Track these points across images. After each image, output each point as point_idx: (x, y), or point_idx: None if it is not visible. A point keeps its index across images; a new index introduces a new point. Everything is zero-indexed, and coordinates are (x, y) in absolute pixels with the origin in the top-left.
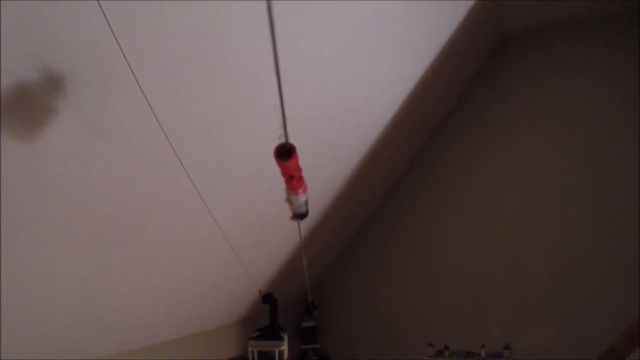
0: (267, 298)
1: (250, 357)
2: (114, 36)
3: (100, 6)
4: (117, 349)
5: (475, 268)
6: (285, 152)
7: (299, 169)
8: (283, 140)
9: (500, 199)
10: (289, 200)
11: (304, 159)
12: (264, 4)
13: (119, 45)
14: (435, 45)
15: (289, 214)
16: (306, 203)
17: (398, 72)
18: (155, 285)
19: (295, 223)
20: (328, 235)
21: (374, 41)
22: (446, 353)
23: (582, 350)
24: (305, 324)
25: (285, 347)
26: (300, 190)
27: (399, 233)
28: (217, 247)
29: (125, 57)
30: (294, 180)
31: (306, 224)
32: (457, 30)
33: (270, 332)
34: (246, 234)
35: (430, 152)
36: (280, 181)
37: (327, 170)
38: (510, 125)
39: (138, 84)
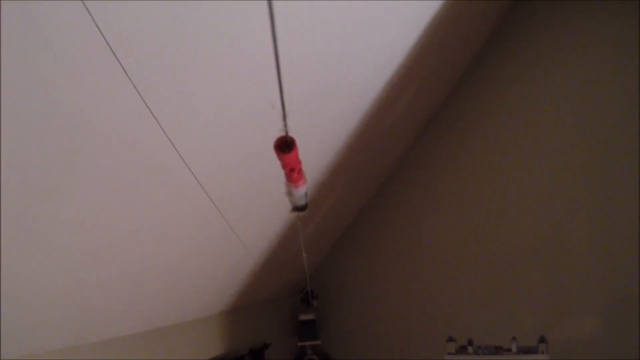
0: None
1: None
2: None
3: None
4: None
5: (501, 250)
6: (285, 145)
7: (299, 162)
8: (283, 133)
9: (534, 172)
10: (289, 193)
11: (296, 109)
12: None
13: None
14: None
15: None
16: (306, 195)
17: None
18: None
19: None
20: (328, 209)
21: None
22: (470, 349)
23: (631, 341)
24: (303, 317)
25: None
26: (301, 182)
27: (410, 212)
28: (204, 222)
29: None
30: (294, 172)
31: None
32: None
33: None
34: (236, 203)
35: (447, 118)
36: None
37: (326, 124)
38: (535, 89)
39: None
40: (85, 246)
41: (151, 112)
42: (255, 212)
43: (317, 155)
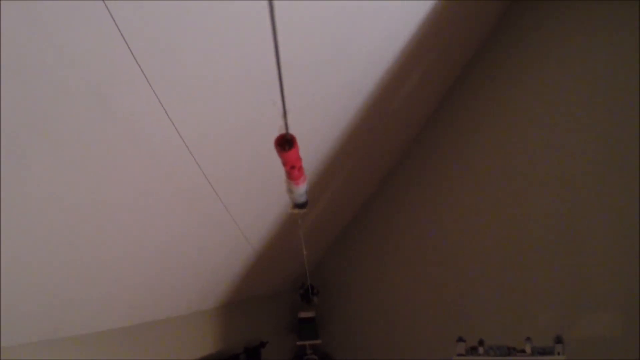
0: None
1: None
2: None
3: None
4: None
5: (515, 243)
6: (286, 143)
7: (300, 159)
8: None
9: (548, 164)
10: (289, 191)
11: (295, 80)
12: None
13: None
14: None
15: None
16: (306, 192)
17: None
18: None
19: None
20: (329, 201)
21: None
22: (480, 350)
23: None
24: (303, 315)
25: None
26: (301, 180)
27: (416, 205)
28: (196, 201)
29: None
30: (295, 170)
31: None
32: None
33: None
34: (235, 188)
35: (457, 107)
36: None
37: (329, 100)
38: (549, 79)
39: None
40: (54, 226)
41: (136, 60)
42: (254, 193)
43: (317, 136)
